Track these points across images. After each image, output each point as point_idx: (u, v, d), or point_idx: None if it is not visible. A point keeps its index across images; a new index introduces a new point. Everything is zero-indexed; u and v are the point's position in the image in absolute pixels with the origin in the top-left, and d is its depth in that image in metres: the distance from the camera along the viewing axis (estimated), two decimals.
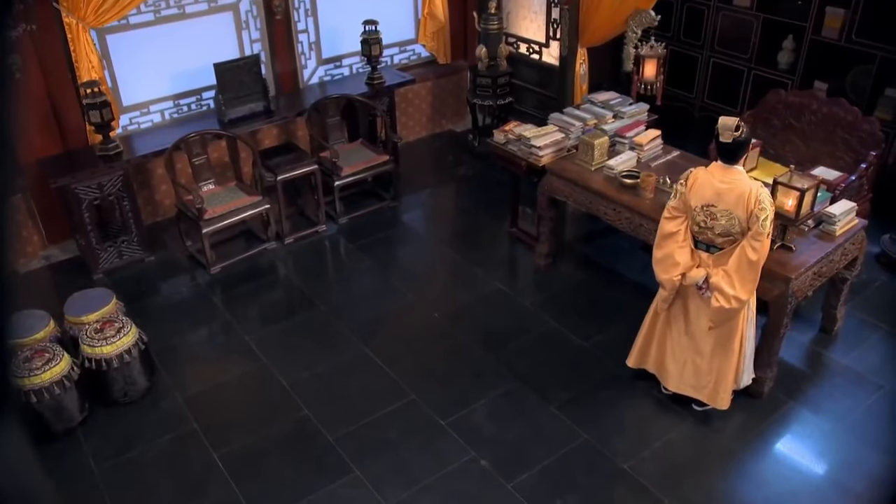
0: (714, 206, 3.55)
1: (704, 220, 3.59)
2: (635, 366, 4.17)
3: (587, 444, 3.92)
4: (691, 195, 3.60)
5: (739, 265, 3.53)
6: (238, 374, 4.43)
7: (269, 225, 5.53)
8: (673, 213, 3.71)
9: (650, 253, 4.81)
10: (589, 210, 4.75)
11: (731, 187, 3.50)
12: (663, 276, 3.77)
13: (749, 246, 3.51)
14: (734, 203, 3.49)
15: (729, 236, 3.58)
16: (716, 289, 3.62)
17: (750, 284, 3.57)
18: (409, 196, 6.26)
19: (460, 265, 5.36)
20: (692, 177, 3.63)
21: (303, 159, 5.63)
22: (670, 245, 3.72)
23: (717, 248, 3.66)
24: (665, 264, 3.74)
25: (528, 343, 4.54)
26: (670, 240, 3.72)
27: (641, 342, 4.11)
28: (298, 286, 5.25)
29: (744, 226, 3.52)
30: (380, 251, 5.46)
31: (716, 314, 3.68)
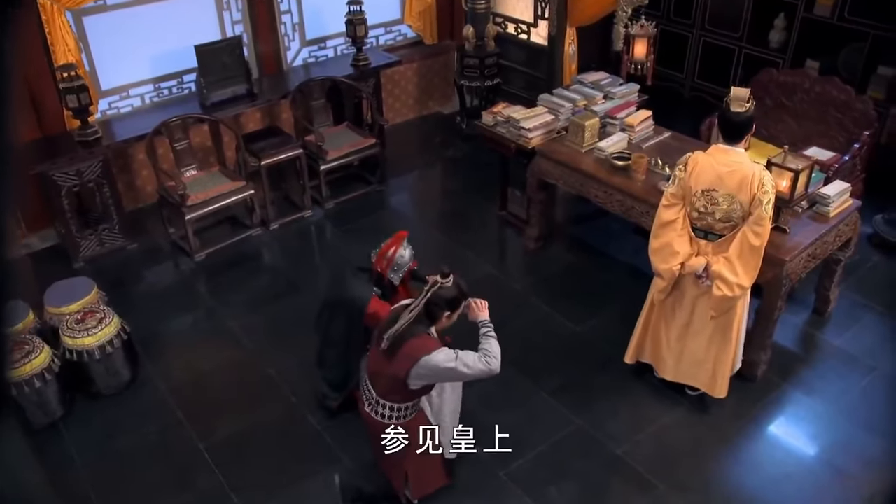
0: (715, 191, 3.45)
1: (705, 205, 3.50)
2: (632, 361, 4.08)
3: (581, 429, 3.88)
4: (691, 180, 3.50)
5: (741, 251, 3.45)
6: (223, 363, 4.37)
7: (253, 210, 5.46)
8: (671, 201, 3.60)
9: (642, 235, 4.73)
10: (580, 192, 4.70)
11: (733, 170, 3.40)
12: (662, 267, 3.66)
13: (751, 231, 3.42)
14: (737, 187, 3.39)
15: (730, 221, 3.49)
16: (717, 277, 3.53)
17: (752, 271, 3.48)
18: (396, 179, 6.19)
19: (449, 249, 5.29)
20: (692, 161, 3.52)
21: (287, 143, 5.55)
22: (669, 234, 3.60)
23: (717, 235, 3.57)
24: (663, 254, 3.63)
25: (519, 328, 4.48)
26: (668, 228, 3.60)
27: (639, 336, 4.02)
28: (284, 272, 5.17)
29: (745, 210, 3.43)
30: (367, 236, 5.21)
31: (718, 303, 3.59)
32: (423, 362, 2.97)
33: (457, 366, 2.97)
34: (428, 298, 3.02)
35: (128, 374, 4.19)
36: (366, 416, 3.26)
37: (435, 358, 2.97)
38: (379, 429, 3.23)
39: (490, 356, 3.03)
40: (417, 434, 3.28)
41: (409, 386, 3.05)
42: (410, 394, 3.13)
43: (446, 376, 3.09)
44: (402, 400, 3.16)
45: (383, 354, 3.07)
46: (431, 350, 2.98)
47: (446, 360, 2.96)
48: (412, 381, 3.03)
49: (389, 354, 3.05)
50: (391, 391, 3.12)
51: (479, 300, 3.22)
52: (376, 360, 3.16)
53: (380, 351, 3.10)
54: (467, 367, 2.97)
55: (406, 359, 2.99)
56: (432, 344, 3.03)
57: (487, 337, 3.12)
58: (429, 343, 3.04)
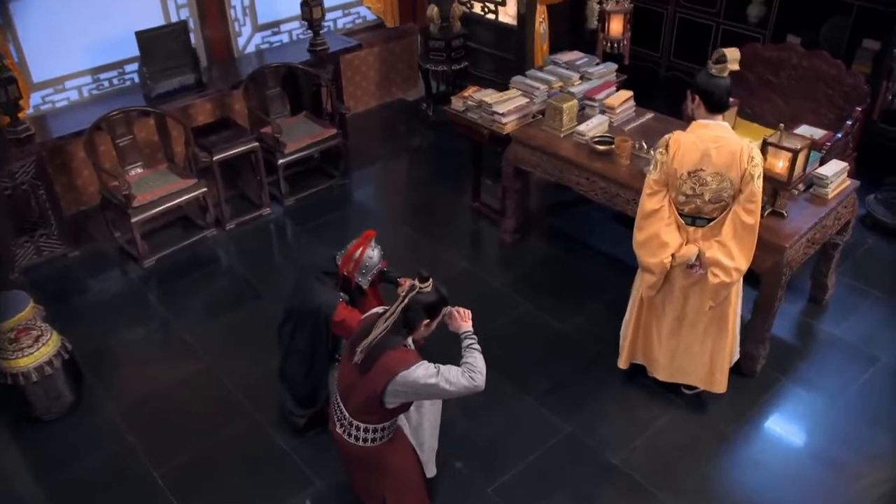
0: (703, 171, 3.25)
1: (692, 187, 3.29)
2: (626, 366, 3.90)
3: (572, 436, 3.72)
4: (675, 162, 3.28)
5: (735, 232, 3.28)
6: (179, 379, 4.13)
7: (206, 210, 5.23)
8: (654, 188, 3.36)
9: (624, 224, 4.73)
10: (559, 180, 4.51)
11: (720, 146, 3.20)
12: (651, 261, 3.45)
13: (743, 209, 3.25)
14: (726, 164, 3.20)
15: (720, 202, 3.30)
16: (713, 264, 3.35)
17: (749, 252, 3.31)
18: (360, 172, 6.02)
19: (420, 244, 5.14)
20: (673, 142, 3.30)
21: (241, 136, 5.34)
22: (655, 224, 3.39)
23: (705, 220, 3.38)
24: (651, 247, 3.42)
25: (499, 327, 4.32)
26: (654, 218, 3.38)
27: (630, 339, 3.83)
28: (243, 276, 4.95)
29: (736, 188, 3.25)
30: (331, 233, 5.18)
31: (716, 291, 3.41)
32: (400, 378, 2.74)
33: (438, 382, 2.76)
34: (405, 305, 2.79)
35: (71, 397, 3.91)
36: (337, 437, 3.03)
37: (414, 373, 2.74)
38: (352, 452, 3.01)
39: (474, 371, 2.83)
40: (396, 456, 3.07)
41: (386, 404, 2.83)
42: (387, 413, 2.90)
43: (426, 393, 2.87)
44: (378, 420, 2.93)
45: (356, 369, 2.84)
46: (410, 364, 2.76)
47: (426, 375, 2.75)
48: (388, 398, 2.81)
49: (363, 369, 2.82)
50: (365, 410, 2.90)
51: (462, 309, 3.01)
52: (348, 375, 2.92)
53: (352, 365, 2.85)
54: (449, 384, 2.77)
55: (382, 374, 2.77)
56: (411, 357, 2.81)
57: (471, 350, 2.91)
58: (407, 356, 2.81)
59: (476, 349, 2.90)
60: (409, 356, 2.81)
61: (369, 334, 2.81)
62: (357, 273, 3.52)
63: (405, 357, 2.79)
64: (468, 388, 2.80)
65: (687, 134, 3.30)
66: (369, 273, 3.55)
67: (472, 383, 2.80)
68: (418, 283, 2.79)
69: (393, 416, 2.95)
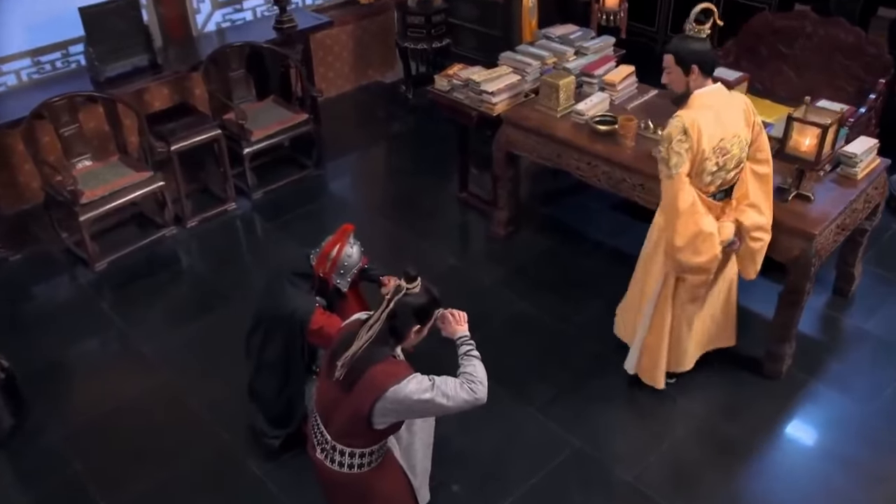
0: (723, 139, 3.10)
1: (717, 162, 3.12)
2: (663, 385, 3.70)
3: (581, 452, 3.51)
4: (702, 144, 3.07)
5: (760, 187, 3.26)
6: (135, 396, 3.91)
7: (165, 206, 5.04)
8: (685, 181, 3.14)
9: (624, 212, 4.69)
10: (556, 165, 4.31)
11: (729, 108, 3.13)
12: (700, 260, 3.23)
13: (756, 162, 3.25)
14: (738, 123, 3.14)
15: (738, 166, 3.25)
16: (755, 229, 3.27)
17: (770, 201, 3.32)
18: (335, 161, 5.86)
19: (403, 240, 4.98)
20: (690, 125, 3.05)
21: (202, 123, 5.13)
22: (693, 219, 3.16)
23: (724, 191, 3.28)
24: (696, 245, 3.20)
25: (493, 329, 4.14)
26: (691, 213, 3.15)
27: (654, 352, 3.60)
28: (207, 279, 4.76)
29: (747, 144, 3.21)
30: (304, 229, 5.01)
31: (760, 253, 3.35)
32: (390, 395, 2.48)
33: (434, 397, 2.51)
34: (391, 310, 2.53)
35: (9, 421, 3.66)
36: (318, 463, 2.77)
37: (406, 388, 2.48)
38: (335, 479, 2.75)
39: (474, 381, 2.59)
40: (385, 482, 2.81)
41: (374, 425, 2.58)
42: (375, 435, 2.64)
43: (421, 411, 2.62)
44: (365, 444, 2.67)
45: (337, 386, 2.58)
46: (401, 378, 2.50)
47: (420, 389, 2.49)
48: (377, 418, 2.55)
49: (345, 386, 2.55)
50: (350, 433, 2.64)
51: (457, 311, 2.77)
52: (328, 392, 2.66)
53: (332, 381, 2.58)
54: (447, 398, 2.52)
55: (368, 391, 2.51)
56: (401, 370, 2.55)
57: (469, 357, 2.67)
58: (396, 369, 2.55)
59: (475, 356, 2.68)
60: (399, 368, 2.56)
61: (351, 345, 2.54)
62: (335, 274, 3.29)
63: (394, 370, 2.54)
64: (468, 402, 2.57)
65: (696, 110, 3.09)
66: (349, 273, 3.32)
67: (472, 396, 2.56)
68: (405, 283, 2.53)
69: (382, 439, 2.71)
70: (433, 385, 2.51)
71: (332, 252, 3.25)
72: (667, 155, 3.07)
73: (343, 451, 2.66)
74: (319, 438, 2.73)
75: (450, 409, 2.55)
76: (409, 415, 2.70)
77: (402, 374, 2.52)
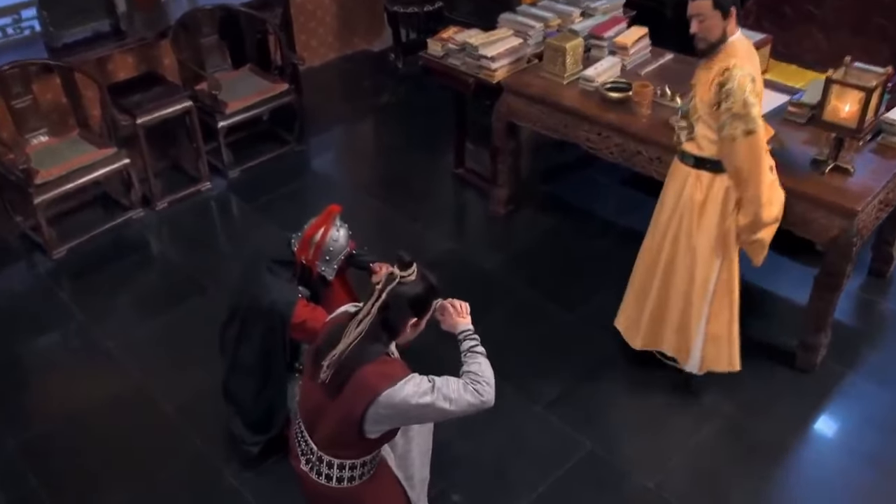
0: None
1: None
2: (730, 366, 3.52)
3: (593, 456, 3.37)
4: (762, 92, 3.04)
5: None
6: (99, 400, 3.76)
7: (131, 186, 4.90)
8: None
9: (636, 188, 4.59)
10: (563, 137, 4.17)
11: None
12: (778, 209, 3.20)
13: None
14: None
15: None
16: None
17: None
18: (319, 136, 5.76)
19: (394, 221, 4.89)
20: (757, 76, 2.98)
21: (171, 94, 4.98)
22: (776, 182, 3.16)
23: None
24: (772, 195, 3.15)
25: (494, 320, 3.97)
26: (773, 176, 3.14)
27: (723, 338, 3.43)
28: (178, 266, 4.64)
29: None
30: (285, 210, 4.90)
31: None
32: (384, 399, 2.30)
33: (434, 400, 2.33)
34: (383, 301, 2.35)
35: None
36: (302, 475, 2.60)
37: (402, 391, 2.30)
38: (322, 493, 2.57)
39: (480, 382, 2.42)
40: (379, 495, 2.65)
41: (366, 434, 2.41)
42: (367, 445, 2.47)
43: (419, 416, 2.45)
44: (356, 454, 2.50)
45: (323, 389, 2.40)
46: (396, 379, 2.32)
47: (419, 392, 2.32)
48: (370, 426, 2.38)
49: (332, 390, 2.37)
50: (338, 442, 2.46)
51: (458, 301, 2.60)
52: (313, 397, 2.48)
53: (317, 384, 2.41)
54: (449, 402, 2.35)
55: (359, 395, 2.33)
56: (396, 370, 2.37)
57: (473, 354, 2.50)
58: (391, 369, 2.37)
59: (479, 353, 2.51)
60: (394, 369, 2.39)
61: (338, 343, 2.37)
62: (319, 260, 3.12)
63: (388, 370, 2.36)
64: (474, 406, 2.41)
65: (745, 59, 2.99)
66: (335, 260, 3.15)
67: (478, 399, 2.40)
68: (398, 270, 2.35)
69: (375, 448, 2.54)
70: (433, 387, 2.34)
71: (315, 236, 3.09)
72: (743, 109, 2.91)
73: (331, 463, 2.50)
74: (304, 448, 2.57)
75: (453, 413, 2.39)
76: (407, 421, 2.54)
77: (398, 375, 2.35)
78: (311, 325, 2.94)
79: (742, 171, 3.02)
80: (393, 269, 2.37)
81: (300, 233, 3.12)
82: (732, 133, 2.94)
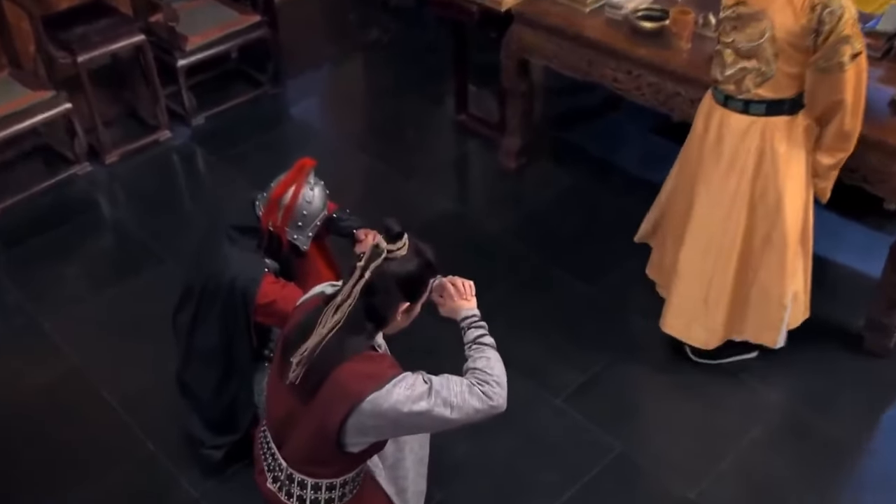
0: None
1: None
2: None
3: (623, 460, 3.22)
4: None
5: None
6: (31, 391, 3.64)
7: (75, 136, 4.68)
8: None
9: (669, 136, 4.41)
10: (585, 76, 3.96)
11: None
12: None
13: None
14: None
15: None
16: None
17: None
18: (298, 78, 5.61)
19: (385, 178, 4.77)
20: None
21: (120, 27, 4.73)
22: None
23: None
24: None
25: (502, 293, 3.89)
26: None
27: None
28: (132, 231, 4.51)
29: None
30: (259, 164, 4.67)
31: None
32: (369, 405, 2.09)
33: (432, 407, 2.12)
34: (367, 281, 2.13)
35: None
36: (269, 496, 2.41)
37: (392, 395, 2.10)
38: None
39: (489, 381, 2.20)
40: None
41: (346, 447, 2.20)
42: (348, 461, 2.28)
43: (413, 426, 2.25)
44: (335, 473, 2.30)
45: (293, 392, 2.20)
46: (384, 380, 2.12)
47: (412, 396, 2.12)
48: (351, 438, 2.17)
49: (304, 393, 2.18)
50: (312, 458, 2.27)
51: (460, 280, 2.41)
52: (282, 401, 2.28)
53: (286, 386, 2.21)
54: (451, 408, 2.14)
55: (337, 401, 2.13)
56: (384, 368, 2.17)
57: (480, 347, 2.29)
58: (377, 368, 2.17)
59: (488, 344, 2.31)
60: (381, 367, 2.18)
61: (310, 334, 2.16)
62: (290, 227, 2.88)
63: (373, 369, 2.15)
64: (481, 412, 2.21)
65: None
66: (308, 226, 2.91)
67: (486, 404, 2.19)
68: (385, 243, 2.14)
69: (358, 465, 2.35)
70: (430, 390, 2.14)
71: (284, 196, 2.84)
72: (851, 31, 2.75)
73: (303, 483, 2.30)
74: (270, 463, 2.38)
75: (455, 423, 2.20)
76: (397, 432, 2.35)
77: (385, 374, 2.14)
78: (280, 307, 2.74)
79: (845, 103, 2.85)
80: (379, 240, 2.16)
81: (266, 193, 2.90)
82: (841, 61, 2.75)
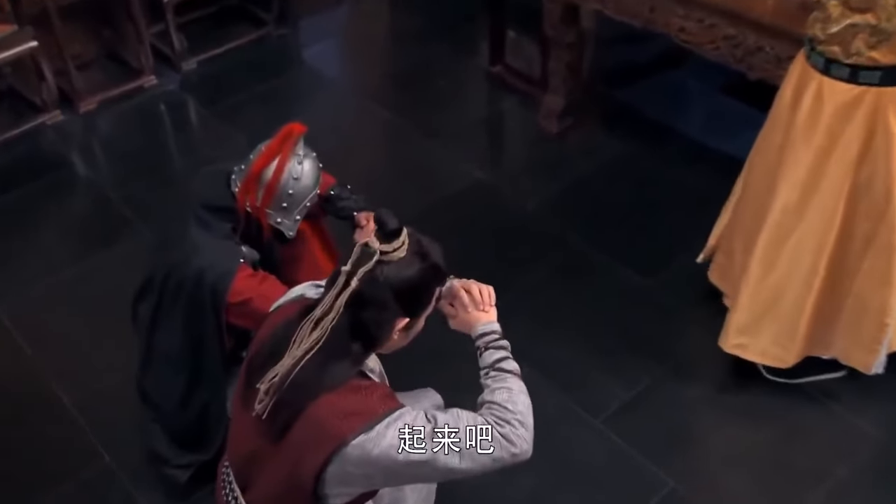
0: None
1: None
2: None
3: (675, 498, 2.97)
4: None
5: None
6: None
7: (43, 80, 4.54)
8: None
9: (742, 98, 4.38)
10: (647, 24, 3.78)
11: None
12: None
13: None
14: None
15: None
16: None
17: None
18: (308, 18, 5.51)
19: (404, 137, 4.63)
20: None
21: None
22: None
23: None
24: None
25: (535, 281, 3.73)
26: None
27: None
28: (106, 193, 4.33)
29: None
30: (260, 119, 4.53)
31: None
32: (354, 451, 1.89)
33: (435, 455, 1.92)
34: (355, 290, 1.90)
35: None
36: None
37: (385, 439, 1.90)
38: None
39: (510, 420, 2.00)
40: None
41: (326, 499, 2.00)
42: None
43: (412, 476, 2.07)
44: None
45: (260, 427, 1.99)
46: (374, 418, 1.92)
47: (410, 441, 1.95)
48: (332, 489, 1.97)
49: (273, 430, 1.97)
50: None
51: (477, 285, 2.19)
52: (247, 435, 2.08)
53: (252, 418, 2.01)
54: (460, 455, 1.94)
55: (313, 443, 1.92)
56: (373, 403, 1.95)
57: (500, 374, 2.08)
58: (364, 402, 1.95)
59: (510, 371, 2.09)
60: (369, 400, 1.94)
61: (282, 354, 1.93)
62: (272, 208, 2.64)
63: (360, 404, 1.92)
64: (499, 461, 2.00)
65: None
66: (296, 208, 2.67)
67: (506, 450, 1.98)
68: (377, 242, 1.91)
69: None
70: (433, 431, 1.91)
71: (266, 172, 2.59)
72: None
73: None
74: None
75: (465, 472, 1.98)
76: (389, 482, 2.12)
77: (376, 411, 1.91)
78: (256, 306, 2.52)
79: None
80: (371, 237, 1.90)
81: (245, 165, 2.64)
82: None
